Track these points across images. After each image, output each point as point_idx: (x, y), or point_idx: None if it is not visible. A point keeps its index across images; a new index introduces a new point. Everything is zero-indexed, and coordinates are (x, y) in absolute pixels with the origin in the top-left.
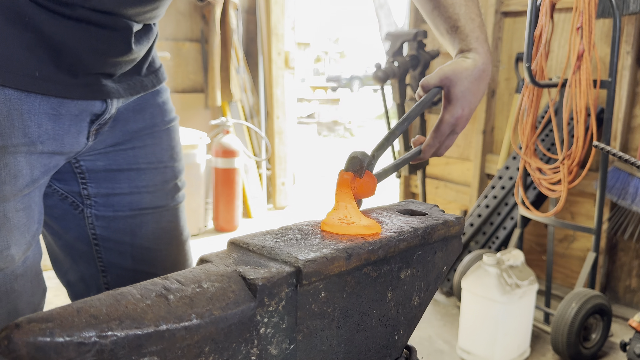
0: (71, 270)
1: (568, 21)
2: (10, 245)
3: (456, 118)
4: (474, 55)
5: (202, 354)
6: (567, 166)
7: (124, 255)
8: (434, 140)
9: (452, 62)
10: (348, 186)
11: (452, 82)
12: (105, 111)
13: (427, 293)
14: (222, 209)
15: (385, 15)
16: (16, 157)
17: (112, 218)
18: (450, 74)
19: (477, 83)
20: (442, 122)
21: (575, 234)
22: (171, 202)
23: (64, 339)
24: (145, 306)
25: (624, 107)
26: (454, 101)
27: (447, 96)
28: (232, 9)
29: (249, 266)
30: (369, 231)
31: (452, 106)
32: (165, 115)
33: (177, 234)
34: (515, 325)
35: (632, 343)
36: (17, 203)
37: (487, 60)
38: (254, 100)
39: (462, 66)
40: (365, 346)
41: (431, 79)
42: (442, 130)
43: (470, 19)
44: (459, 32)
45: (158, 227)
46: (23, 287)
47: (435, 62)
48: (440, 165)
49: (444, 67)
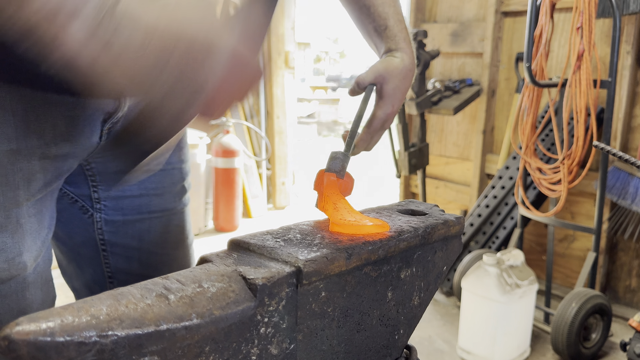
0: (75, 276)
1: (568, 21)
2: (22, 252)
3: (387, 114)
4: (401, 54)
5: (203, 353)
6: (567, 166)
7: (131, 260)
8: (366, 136)
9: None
10: (336, 187)
11: (385, 80)
12: (117, 109)
13: (427, 293)
14: (222, 208)
15: None
16: (30, 160)
17: (121, 223)
18: (383, 71)
19: (405, 81)
20: (374, 118)
21: (575, 233)
22: (178, 205)
23: (64, 338)
24: (145, 306)
25: (624, 107)
26: (385, 98)
27: (379, 93)
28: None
29: (249, 266)
30: (379, 230)
31: (384, 102)
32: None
33: (183, 237)
34: (515, 325)
35: (632, 343)
36: (29, 208)
37: (412, 60)
38: (254, 100)
39: (393, 64)
40: (365, 346)
41: (367, 76)
42: (374, 126)
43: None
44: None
45: (165, 231)
46: (34, 296)
47: (436, 62)
48: (440, 165)
49: (376, 65)
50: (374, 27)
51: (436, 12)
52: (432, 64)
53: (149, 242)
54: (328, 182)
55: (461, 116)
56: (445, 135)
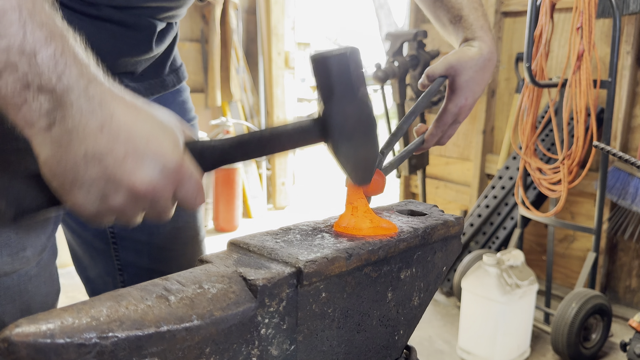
0: (90, 267)
1: (568, 21)
2: (26, 247)
3: (459, 107)
4: (479, 43)
5: (203, 354)
6: (567, 166)
7: (141, 254)
8: (436, 130)
9: (457, 50)
10: (360, 186)
11: (457, 71)
12: None
13: (427, 293)
14: (222, 209)
15: (385, 15)
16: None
17: None
18: (455, 63)
19: (482, 72)
20: (445, 111)
21: (575, 234)
22: None
23: (64, 340)
24: (145, 307)
25: (624, 107)
26: (458, 90)
27: (451, 85)
28: (232, 9)
29: (249, 267)
30: (386, 232)
31: (456, 95)
32: (185, 114)
33: (193, 234)
34: (515, 325)
35: (632, 343)
36: None
37: (492, 49)
38: (254, 100)
39: (467, 55)
40: (365, 346)
41: (436, 68)
42: (445, 120)
43: (474, 8)
44: (462, 21)
45: (175, 226)
46: (37, 288)
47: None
48: (440, 165)
49: (448, 56)
50: (448, 19)
51: None
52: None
53: (159, 237)
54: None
55: None
56: None
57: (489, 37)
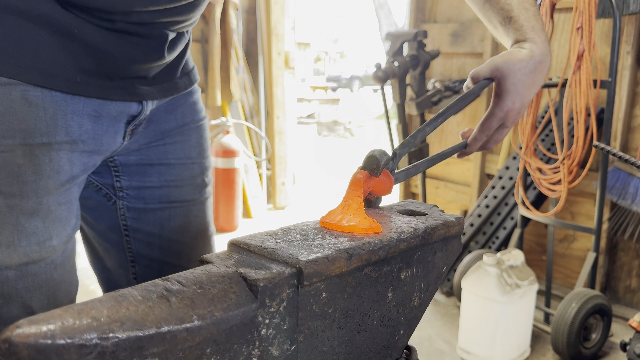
0: (103, 258)
1: (568, 21)
2: (52, 236)
3: (506, 112)
4: (530, 45)
5: (204, 355)
6: (567, 166)
7: (152, 246)
8: (480, 134)
9: (506, 52)
10: (359, 185)
11: (504, 74)
12: (141, 112)
13: (427, 293)
14: (222, 209)
15: (385, 15)
16: (59, 153)
17: (142, 210)
18: (502, 65)
19: (533, 75)
20: (490, 116)
21: (575, 234)
22: (199, 197)
23: (65, 341)
24: (146, 308)
25: (624, 107)
26: (504, 94)
27: (497, 89)
28: (232, 9)
29: (250, 267)
30: (368, 231)
31: (502, 99)
32: (195, 114)
33: (203, 228)
34: (515, 325)
35: (632, 343)
36: (59, 197)
37: (544, 51)
38: (254, 100)
39: (517, 57)
40: (365, 347)
41: (482, 70)
42: (490, 124)
43: (524, 8)
44: (513, 23)
45: (185, 220)
46: (62, 277)
47: (436, 62)
48: (440, 165)
49: (495, 58)
50: (498, 20)
51: (436, 12)
52: (432, 64)
53: (170, 230)
54: (353, 179)
55: (461, 116)
56: (445, 136)
57: (541, 39)
